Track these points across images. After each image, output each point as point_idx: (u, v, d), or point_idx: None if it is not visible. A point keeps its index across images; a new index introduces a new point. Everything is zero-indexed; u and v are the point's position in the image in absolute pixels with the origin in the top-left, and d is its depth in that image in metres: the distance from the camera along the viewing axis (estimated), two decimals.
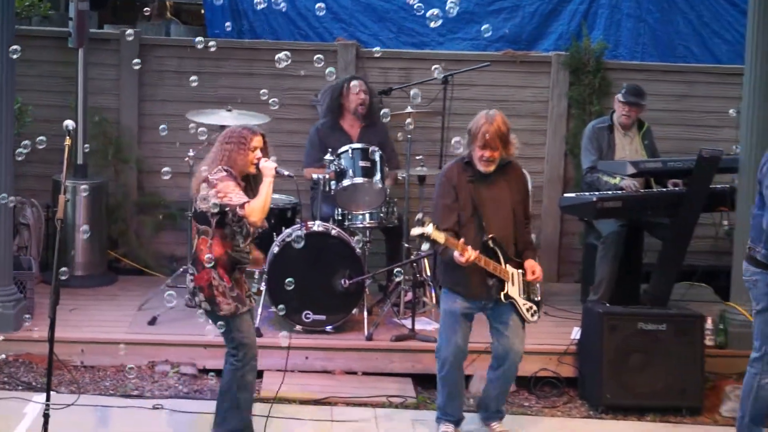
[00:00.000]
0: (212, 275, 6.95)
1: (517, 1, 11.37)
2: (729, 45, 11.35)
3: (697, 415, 8.42)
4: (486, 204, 7.37)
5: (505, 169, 7.50)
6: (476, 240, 7.29)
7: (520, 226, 7.53)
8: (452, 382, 7.65)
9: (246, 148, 7.00)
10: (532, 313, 7.51)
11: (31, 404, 7.82)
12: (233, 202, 6.80)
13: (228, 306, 6.95)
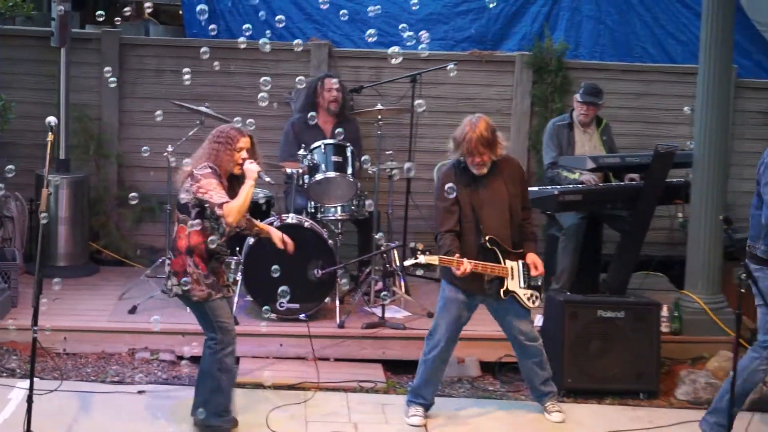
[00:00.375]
0: (188, 262, 6.98)
1: (482, 2, 11.36)
2: (683, 45, 11.40)
3: (654, 399, 8.48)
4: (483, 206, 7.42)
5: (499, 165, 7.51)
6: (475, 241, 7.40)
7: (517, 219, 7.56)
8: (435, 365, 7.72)
9: (232, 148, 7.02)
10: (533, 300, 7.60)
11: (15, 390, 7.80)
12: (213, 200, 6.83)
13: (201, 293, 6.97)
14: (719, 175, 9.11)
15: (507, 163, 7.59)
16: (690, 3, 11.19)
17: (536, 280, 7.61)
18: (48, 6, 11.44)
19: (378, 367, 8.78)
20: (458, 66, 10.36)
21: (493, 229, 7.41)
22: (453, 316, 7.58)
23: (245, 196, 6.93)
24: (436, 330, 7.67)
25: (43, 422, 6.90)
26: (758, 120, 11.18)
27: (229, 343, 7.11)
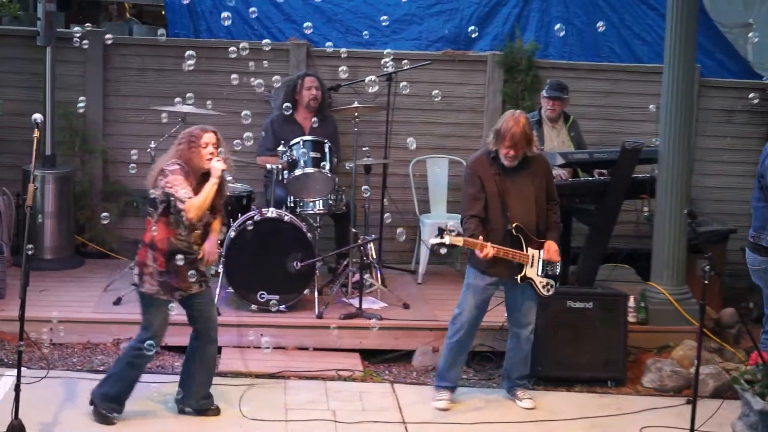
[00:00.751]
0: (148, 255, 7.01)
1: (456, 4, 11.38)
2: (649, 45, 11.43)
3: (621, 386, 8.50)
4: (510, 195, 7.53)
5: (527, 161, 7.61)
6: (502, 227, 7.51)
7: (542, 211, 7.68)
8: (460, 348, 7.85)
9: (197, 145, 7.01)
10: (548, 289, 7.69)
11: (4, 379, 7.77)
12: (178, 194, 6.85)
13: (151, 287, 7.00)
14: (683, 170, 9.13)
15: (536, 159, 7.69)
16: (655, 4, 11.21)
17: (554, 270, 7.70)
18: (34, 6, 11.40)
19: (356, 356, 8.77)
20: (432, 65, 10.41)
21: (519, 217, 7.53)
22: (476, 301, 7.71)
23: (206, 193, 6.92)
24: (459, 315, 7.79)
25: (31, 410, 6.88)
26: (721, 117, 11.22)
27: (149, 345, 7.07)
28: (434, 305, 9.46)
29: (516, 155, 7.46)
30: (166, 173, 6.92)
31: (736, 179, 11.28)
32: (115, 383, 7.19)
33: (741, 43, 11.39)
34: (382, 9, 11.15)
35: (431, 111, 10.72)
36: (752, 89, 10.92)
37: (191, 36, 11.00)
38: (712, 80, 11.20)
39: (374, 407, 7.79)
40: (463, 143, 10.87)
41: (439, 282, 10.30)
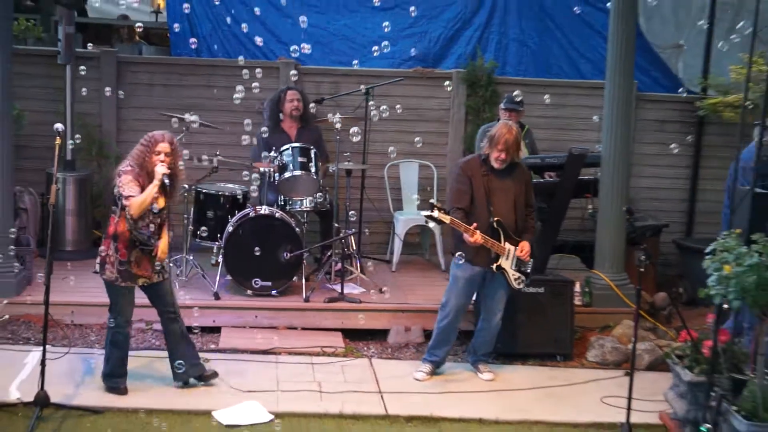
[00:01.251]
0: (110, 246, 7.05)
1: (425, 28, 11.38)
2: (592, 64, 11.44)
3: (569, 360, 8.56)
4: (495, 193, 7.62)
5: (513, 168, 7.72)
6: (485, 220, 7.54)
7: (521, 212, 7.74)
8: (448, 330, 7.90)
9: (150, 151, 7.02)
10: (519, 282, 7.75)
11: (31, 355, 7.79)
12: (123, 193, 6.91)
13: (111, 274, 7.04)
14: (623, 173, 9.19)
15: (520, 168, 7.82)
16: (598, 28, 11.21)
17: (526, 267, 7.73)
18: (55, 29, 11.36)
19: (338, 334, 8.79)
20: (403, 81, 10.44)
21: (500, 214, 7.61)
22: (462, 290, 7.78)
23: (147, 194, 6.93)
24: (447, 302, 7.86)
25: (55, 382, 6.95)
26: (655, 127, 11.27)
27: (119, 325, 7.17)
28: (407, 290, 9.50)
29: (506, 159, 7.58)
30: (119, 173, 6.99)
31: (668, 181, 11.37)
32: (108, 362, 7.25)
33: (673, 62, 11.46)
34: (360, 32, 11.18)
35: (403, 121, 10.73)
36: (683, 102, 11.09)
37: (193, 56, 10.98)
38: (647, 94, 11.25)
39: (354, 379, 7.82)
40: (432, 149, 10.89)
41: (410, 270, 10.34)
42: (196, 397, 7.23)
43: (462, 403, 7.43)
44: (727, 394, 6.53)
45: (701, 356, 6.91)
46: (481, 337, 8.02)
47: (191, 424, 6.81)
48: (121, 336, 7.22)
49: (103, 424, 6.70)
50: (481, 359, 8.07)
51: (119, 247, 7.03)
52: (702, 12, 11.28)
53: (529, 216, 7.86)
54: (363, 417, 7.09)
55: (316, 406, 7.19)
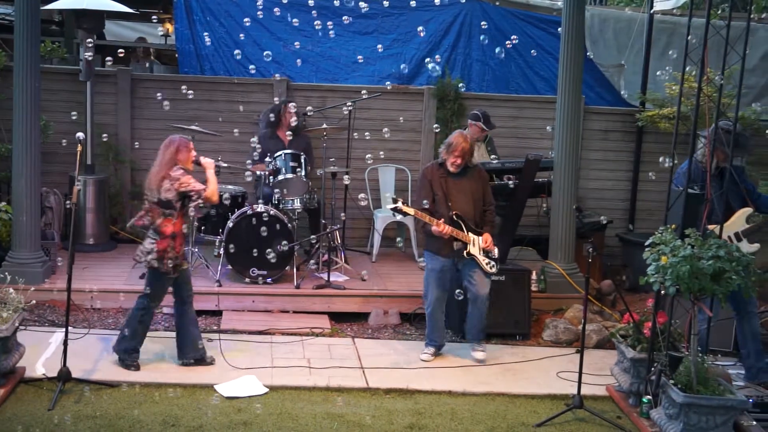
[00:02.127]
0: (170, 244, 6.99)
1: (400, 50, 11.33)
2: (545, 81, 11.43)
3: (527, 340, 8.51)
4: (452, 192, 7.58)
5: (470, 170, 7.70)
6: (445, 214, 7.51)
7: (479, 208, 7.68)
8: (435, 316, 7.81)
9: (188, 149, 7.08)
10: (491, 266, 7.65)
11: (55, 335, 7.72)
12: (197, 188, 6.92)
13: (168, 267, 7.02)
14: (572, 176, 9.16)
15: (477, 171, 7.78)
16: (551, 50, 11.20)
17: (492, 253, 7.65)
18: (77, 50, 11.25)
19: (325, 317, 8.72)
20: (381, 96, 10.36)
21: (459, 209, 7.57)
22: (435, 279, 7.68)
23: (213, 180, 7.09)
24: (426, 293, 7.78)
25: (76, 359, 6.89)
26: (600, 136, 11.25)
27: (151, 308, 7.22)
28: (385, 278, 9.42)
29: (461, 164, 7.55)
30: (175, 177, 6.90)
31: (612, 182, 11.35)
32: (132, 338, 7.16)
33: (615, 80, 11.44)
34: (344, 53, 11.12)
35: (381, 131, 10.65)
36: (624, 114, 11.08)
37: (198, 73, 10.89)
38: (593, 107, 11.23)
39: (339, 356, 7.76)
40: (406, 155, 10.84)
41: (388, 261, 10.27)
42: (200, 373, 7.15)
43: (434, 378, 7.38)
44: (665, 369, 6.52)
45: (642, 336, 6.89)
46: (469, 322, 7.86)
47: (196, 396, 6.74)
48: (149, 317, 7.24)
49: (118, 396, 6.63)
50: (474, 339, 7.88)
51: (176, 244, 7.00)
52: (640, 36, 11.26)
53: (488, 211, 7.79)
54: (347, 390, 7.03)
55: (306, 380, 7.12)
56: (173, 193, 6.90)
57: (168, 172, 6.93)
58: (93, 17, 9.82)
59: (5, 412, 6.23)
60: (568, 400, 6.87)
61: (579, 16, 9.03)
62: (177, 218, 6.98)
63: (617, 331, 7.21)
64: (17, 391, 6.57)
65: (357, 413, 6.60)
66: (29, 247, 8.60)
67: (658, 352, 6.69)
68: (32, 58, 8.43)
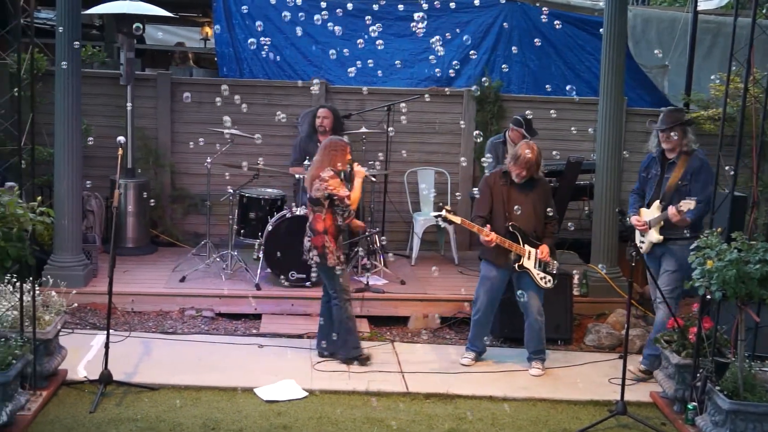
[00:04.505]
0: (325, 239, 7.30)
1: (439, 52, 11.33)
2: (585, 83, 11.34)
3: (569, 344, 8.44)
4: (511, 202, 7.46)
5: (535, 182, 7.57)
6: (502, 226, 7.43)
7: (539, 221, 7.55)
8: (481, 323, 7.75)
9: (346, 152, 7.39)
10: (545, 281, 7.54)
11: (96, 338, 7.78)
12: (340, 194, 7.24)
13: (334, 261, 7.30)
14: (615, 178, 9.06)
15: (540, 183, 7.64)
16: (591, 50, 11.12)
17: (550, 268, 7.55)
18: (117, 54, 11.36)
19: (364, 321, 8.69)
20: (420, 98, 10.33)
21: (518, 221, 7.46)
22: (487, 288, 7.61)
23: (358, 190, 7.44)
24: (477, 299, 7.72)
25: (117, 362, 6.92)
26: (643, 138, 10.99)
27: (347, 300, 7.47)
28: (424, 282, 9.37)
29: (525, 176, 7.44)
30: (324, 179, 7.23)
31: None
32: (350, 335, 7.51)
33: (659, 81, 11.33)
34: (382, 56, 11.10)
35: (420, 134, 10.65)
36: None
37: (237, 77, 10.94)
38: (636, 109, 11.11)
39: (379, 360, 7.74)
40: (446, 158, 10.80)
41: (428, 264, 10.13)
42: (239, 376, 7.16)
43: (474, 382, 7.33)
44: (711, 375, 6.43)
45: (687, 341, 6.80)
46: (527, 335, 7.73)
47: (236, 399, 6.77)
48: (349, 311, 7.49)
49: (158, 399, 6.68)
50: (532, 357, 7.74)
51: (330, 239, 7.29)
52: (684, 36, 11.14)
53: (549, 224, 7.64)
54: (386, 394, 7.01)
55: (345, 384, 7.12)
56: (321, 193, 7.27)
57: (319, 173, 7.28)
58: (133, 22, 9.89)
59: (47, 414, 6.30)
60: (611, 407, 6.78)
61: (621, 17, 8.95)
62: (326, 215, 7.30)
63: (661, 336, 7.12)
64: (59, 394, 6.64)
65: (397, 418, 6.58)
66: (71, 250, 8.68)
67: (703, 358, 6.59)
68: (74, 62, 8.50)
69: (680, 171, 7.38)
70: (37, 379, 6.52)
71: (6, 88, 9.84)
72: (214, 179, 9.43)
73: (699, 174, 7.33)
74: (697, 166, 7.35)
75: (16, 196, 6.06)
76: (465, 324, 8.47)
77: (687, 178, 7.36)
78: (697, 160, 7.37)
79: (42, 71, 9.64)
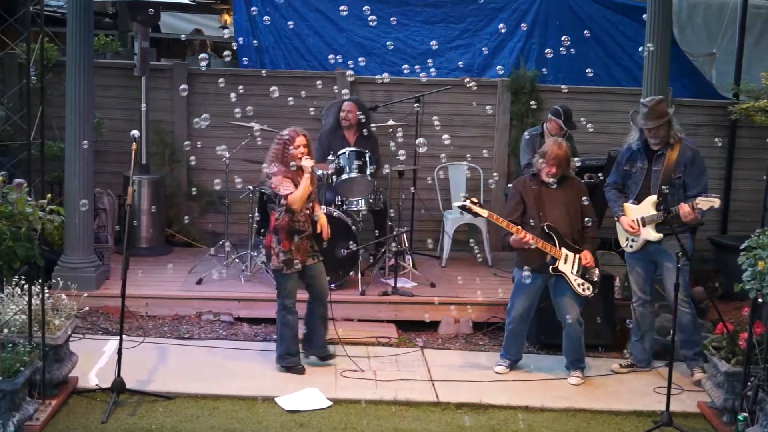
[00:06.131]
0: (273, 239, 7.27)
1: (470, 40, 11.28)
2: (626, 71, 11.29)
3: (610, 351, 8.34)
4: (545, 203, 7.41)
5: (566, 182, 7.51)
6: (537, 226, 7.36)
7: (575, 223, 7.48)
8: (516, 332, 7.70)
9: (292, 146, 7.24)
10: (583, 288, 7.45)
11: (108, 344, 7.80)
12: (281, 193, 7.14)
13: (277, 264, 7.26)
14: None
15: (573, 183, 7.59)
16: (633, 36, 11.03)
17: (591, 275, 7.46)
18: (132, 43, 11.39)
19: (391, 326, 8.70)
20: (451, 89, 10.28)
21: (551, 221, 7.39)
22: (522, 296, 7.56)
23: (303, 188, 7.19)
24: (511, 308, 7.66)
25: (130, 369, 6.94)
26: (689, 130, 10.92)
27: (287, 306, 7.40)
28: (456, 284, 9.32)
29: (556, 173, 7.37)
30: (270, 176, 7.19)
31: None
32: (282, 343, 7.45)
33: (706, 70, 11.22)
34: (410, 44, 11.08)
35: (451, 127, 10.58)
36: (715, 107, 10.84)
37: (257, 67, 10.94)
38: (682, 100, 11.01)
39: (407, 368, 7.72)
40: (479, 152, 10.70)
41: (459, 265, 10.18)
42: (260, 384, 7.16)
43: (509, 392, 7.29)
44: (763, 384, 6.35)
45: (737, 348, 6.73)
46: (565, 344, 7.67)
47: (255, 409, 6.76)
48: (290, 316, 7.42)
49: (174, 408, 6.69)
50: (570, 367, 7.68)
51: (281, 239, 7.24)
52: (733, 22, 11.02)
53: (589, 228, 7.55)
54: (415, 404, 6.99)
55: (372, 393, 7.10)
56: (269, 191, 7.30)
57: (267, 170, 7.27)
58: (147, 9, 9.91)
59: (58, 424, 6.32)
60: (655, 417, 6.73)
61: (666, 2, 8.85)
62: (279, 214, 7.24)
63: (710, 343, 7.04)
64: (70, 403, 6.66)
65: (426, 429, 6.56)
66: (82, 251, 8.72)
67: (754, 366, 6.51)
68: (85, 52, 8.55)
69: (671, 163, 7.38)
70: (47, 387, 6.53)
71: (15, 80, 9.94)
72: (233, 175, 9.43)
73: (693, 165, 7.39)
74: (689, 157, 7.40)
75: (24, 193, 6.08)
76: (499, 330, 8.42)
77: (680, 171, 7.38)
78: (688, 151, 7.42)
79: (52, 62, 9.70)
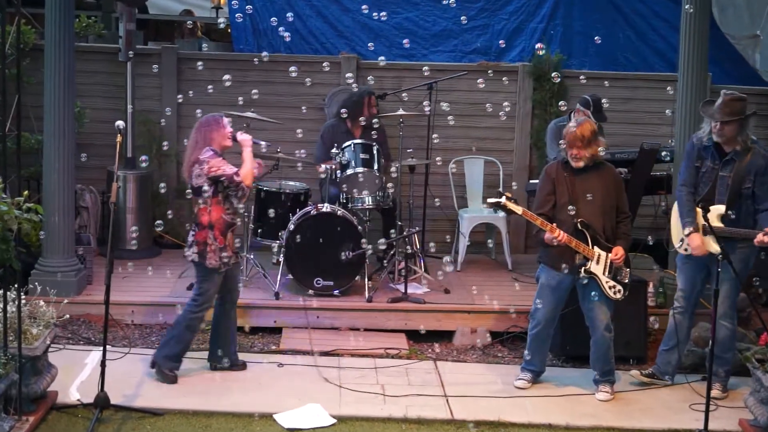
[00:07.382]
0: (209, 235, 7.22)
1: (487, 20, 11.29)
2: (660, 55, 11.29)
3: (642, 364, 8.29)
4: (578, 195, 7.34)
5: (600, 169, 7.45)
6: (569, 222, 7.30)
7: (609, 217, 7.43)
8: (540, 339, 7.67)
9: (220, 126, 7.32)
10: (614, 291, 7.41)
11: (91, 355, 7.80)
12: (227, 173, 7.12)
13: (215, 262, 7.22)
14: None
15: (608, 171, 7.52)
16: (668, 17, 11.01)
17: (622, 275, 7.44)
18: (116, 25, 11.42)
19: (401, 336, 8.70)
20: (467, 75, 10.27)
21: (585, 215, 7.33)
22: (548, 299, 7.53)
23: (249, 161, 7.24)
24: (536, 311, 7.63)
25: (115, 383, 6.94)
26: None
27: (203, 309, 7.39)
28: (472, 290, 9.31)
29: (580, 155, 7.30)
30: (203, 161, 7.14)
31: None
32: (177, 344, 7.40)
33: (749, 53, 11.19)
34: (422, 24, 11.09)
35: (468, 116, 10.58)
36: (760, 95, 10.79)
37: (254, 51, 10.95)
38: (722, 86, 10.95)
39: (419, 382, 7.72)
40: (497, 145, 10.76)
41: (476, 269, 10.18)
42: (257, 399, 7.17)
43: (531, 408, 7.28)
44: None
45: None
46: (593, 353, 7.64)
47: (252, 426, 6.77)
48: (197, 321, 7.42)
49: (163, 426, 6.69)
50: (599, 380, 7.64)
51: (216, 234, 7.23)
52: None
53: (622, 223, 7.52)
54: (428, 421, 6.99)
55: (380, 410, 7.10)
56: (203, 179, 7.17)
57: (198, 156, 7.20)
58: None
59: None
60: None
61: None
62: (212, 206, 7.21)
63: (753, 355, 7.03)
64: (48, 419, 6.65)
65: None
66: (62, 253, 8.73)
67: None
68: (65, 35, 8.55)
69: (742, 170, 7.32)
70: (23, 402, 6.51)
71: None
72: None
73: (765, 175, 7.32)
74: (761, 166, 7.33)
75: None
76: (520, 340, 8.42)
77: (750, 180, 7.33)
78: (761, 158, 7.35)
79: (29, 46, 9.71)
